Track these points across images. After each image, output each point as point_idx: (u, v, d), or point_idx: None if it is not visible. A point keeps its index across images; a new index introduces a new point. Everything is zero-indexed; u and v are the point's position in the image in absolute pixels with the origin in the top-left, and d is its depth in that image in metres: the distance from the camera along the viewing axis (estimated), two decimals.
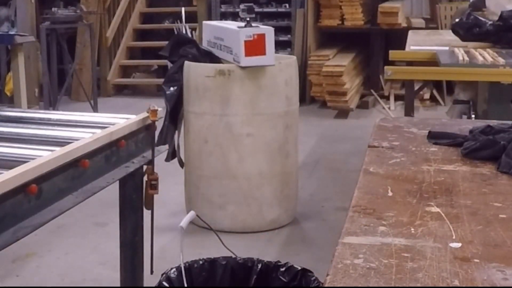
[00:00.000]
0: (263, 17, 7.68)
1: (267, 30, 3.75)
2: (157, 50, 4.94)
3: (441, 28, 7.72)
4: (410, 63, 4.16)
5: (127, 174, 2.21)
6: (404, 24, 7.66)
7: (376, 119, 2.24)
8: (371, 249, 1.10)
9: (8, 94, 6.91)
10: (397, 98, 7.61)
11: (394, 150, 1.74)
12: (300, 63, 6.52)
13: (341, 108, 7.21)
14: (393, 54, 4.28)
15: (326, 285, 0.98)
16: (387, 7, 7.58)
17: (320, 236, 3.82)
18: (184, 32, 4.39)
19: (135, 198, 2.42)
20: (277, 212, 3.90)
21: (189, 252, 3.56)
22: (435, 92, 7.67)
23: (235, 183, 3.82)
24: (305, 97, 7.54)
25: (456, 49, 3.80)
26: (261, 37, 3.69)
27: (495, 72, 3.21)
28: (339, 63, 7.18)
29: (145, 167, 2.35)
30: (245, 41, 3.66)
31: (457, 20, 4.39)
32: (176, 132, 4.10)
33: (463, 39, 4.16)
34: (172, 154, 4.08)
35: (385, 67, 3.52)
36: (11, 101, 6.35)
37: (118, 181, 2.24)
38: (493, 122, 1.90)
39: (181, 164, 4.10)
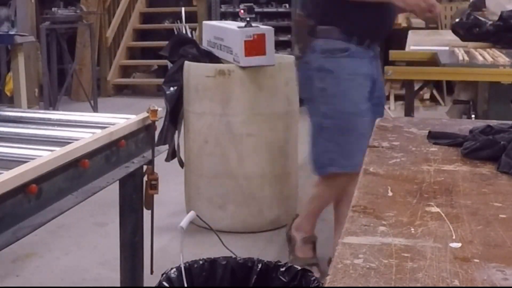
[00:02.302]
0: (263, 17, 7.68)
1: (267, 30, 3.75)
2: (157, 50, 4.94)
3: (441, 28, 7.72)
4: (410, 63, 4.16)
5: (127, 174, 2.22)
6: (404, 24, 7.66)
7: (376, 119, 2.24)
8: (371, 249, 1.10)
9: (8, 94, 6.91)
10: (397, 98, 7.61)
11: (394, 150, 1.74)
12: None
13: None
14: (393, 54, 4.28)
15: (326, 285, 0.98)
16: None
17: (320, 236, 3.82)
18: (184, 32, 4.39)
19: (135, 198, 2.42)
20: (277, 212, 3.90)
21: (189, 252, 3.56)
22: (435, 92, 7.67)
23: (235, 183, 3.82)
24: None
25: (456, 49, 3.81)
26: (261, 37, 3.69)
27: (495, 72, 3.21)
28: None
29: (145, 167, 2.36)
30: (245, 41, 3.67)
31: (457, 20, 4.39)
32: (176, 132, 4.10)
33: (463, 39, 4.16)
34: (172, 154, 4.08)
35: (385, 67, 3.52)
36: (11, 101, 6.35)
37: (118, 181, 2.24)
38: (493, 122, 1.90)
39: (181, 164, 4.10)
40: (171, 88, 4.03)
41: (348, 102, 2.82)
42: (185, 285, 2.21)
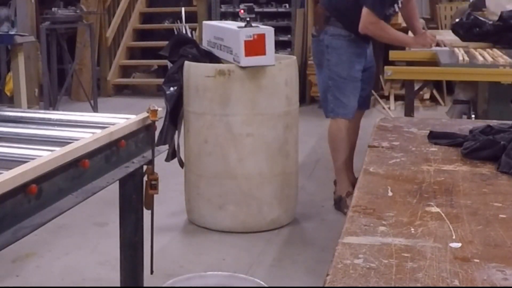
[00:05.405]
0: (263, 17, 7.68)
1: (267, 30, 3.75)
2: (157, 50, 4.94)
3: (441, 28, 7.73)
4: (410, 63, 4.17)
5: (127, 174, 2.21)
6: (404, 24, 7.65)
7: (376, 119, 2.24)
8: (371, 249, 1.10)
9: (8, 94, 6.91)
10: (397, 98, 7.61)
11: (394, 150, 1.74)
12: (300, 63, 6.52)
13: None
14: (393, 54, 4.29)
15: (326, 285, 0.98)
16: None
17: (320, 236, 3.82)
18: (184, 32, 4.39)
19: (135, 198, 2.42)
20: (277, 212, 3.90)
21: (189, 252, 3.57)
22: (435, 92, 7.67)
23: (235, 183, 3.82)
24: (305, 97, 7.54)
25: (456, 49, 3.81)
26: (261, 37, 3.69)
27: (495, 72, 3.22)
28: None
29: (145, 167, 2.35)
30: (245, 41, 3.66)
31: (457, 20, 4.40)
32: (176, 132, 4.10)
33: (463, 39, 4.16)
34: (172, 154, 4.07)
35: (385, 67, 3.52)
36: (11, 101, 6.35)
37: (118, 181, 2.24)
38: (493, 122, 1.90)
39: (181, 164, 4.10)
40: (171, 88, 4.03)
41: (344, 70, 4.03)
42: None
